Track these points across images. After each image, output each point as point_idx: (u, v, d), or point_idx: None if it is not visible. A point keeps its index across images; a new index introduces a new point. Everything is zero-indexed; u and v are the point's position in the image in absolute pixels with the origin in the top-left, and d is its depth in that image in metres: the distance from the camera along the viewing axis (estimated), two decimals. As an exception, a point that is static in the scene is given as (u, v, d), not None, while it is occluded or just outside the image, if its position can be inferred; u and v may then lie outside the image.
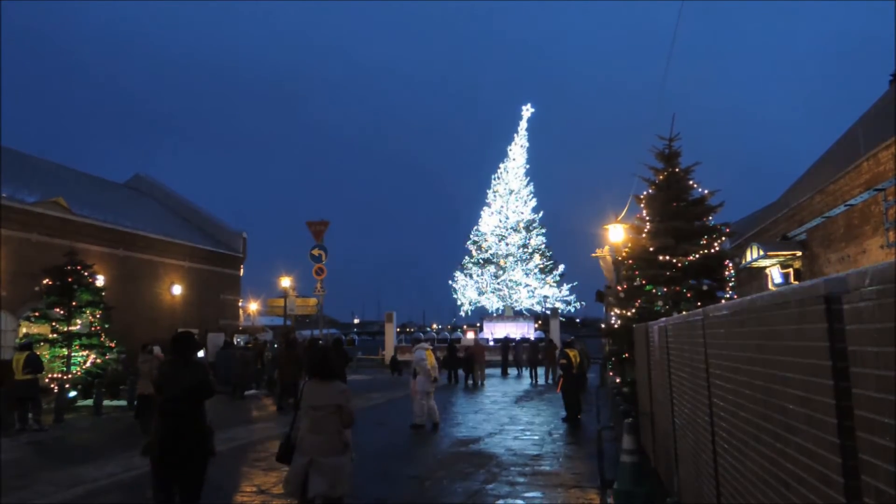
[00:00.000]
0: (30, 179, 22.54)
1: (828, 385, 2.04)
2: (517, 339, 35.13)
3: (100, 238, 22.99)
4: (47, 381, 16.36)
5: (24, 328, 18.75)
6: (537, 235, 48.24)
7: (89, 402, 17.23)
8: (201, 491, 5.80)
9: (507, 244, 47.63)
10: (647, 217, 11.72)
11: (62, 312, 17.65)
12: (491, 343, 39.46)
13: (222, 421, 14.53)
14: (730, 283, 11.22)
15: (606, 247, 20.98)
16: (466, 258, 49.12)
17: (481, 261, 48.38)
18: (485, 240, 48.38)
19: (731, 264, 11.61)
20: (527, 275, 47.25)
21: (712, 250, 11.03)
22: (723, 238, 11.63)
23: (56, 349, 17.29)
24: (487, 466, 9.55)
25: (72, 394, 17.14)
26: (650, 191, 11.74)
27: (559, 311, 44.34)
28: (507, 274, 47.34)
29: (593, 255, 22.74)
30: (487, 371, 27.36)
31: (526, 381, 25.92)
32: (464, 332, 46.22)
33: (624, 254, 12.96)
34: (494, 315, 47.17)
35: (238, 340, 27.23)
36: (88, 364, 17.92)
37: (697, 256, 10.81)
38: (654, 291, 10.99)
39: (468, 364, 25.14)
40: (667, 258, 10.89)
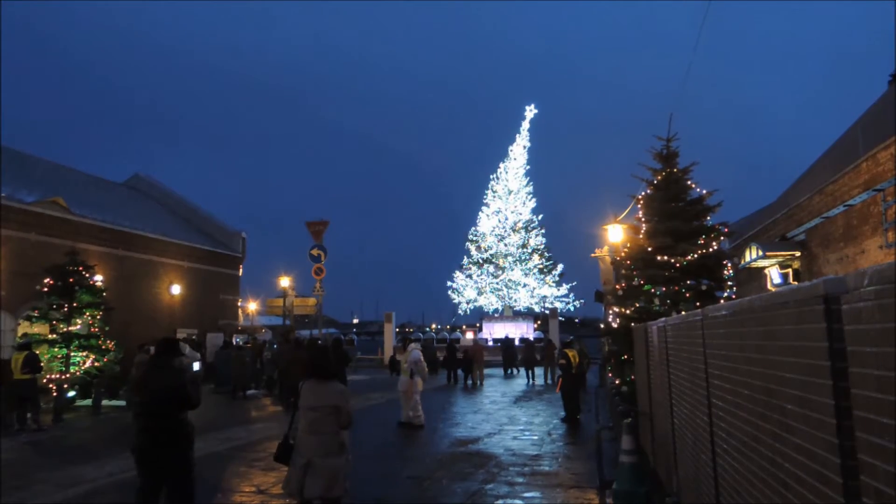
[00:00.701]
0: (28, 179, 22.51)
1: (827, 385, 2.04)
2: (513, 339, 35.14)
3: (99, 238, 22.96)
4: (46, 381, 16.34)
5: (24, 328, 18.73)
6: (537, 235, 48.25)
7: (88, 402, 17.23)
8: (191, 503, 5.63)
9: (507, 244, 47.64)
10: (646, 217, 11.73)
11: (64, 310, 17.63)
12: (490, 343, 39.45)
13: (221, 421, 14.53)
14: (728, 283, 11.23)
15: (606, 247, 21.00)
16: (466, 258, 49.14)
17: (480, 261, 48.37)
18: (484, 240, 48.38)
19: (730, 264, 11.63)
20: (526, 275, 47.25)
21: (710, 250, 11.04)
22: (721, 238, 11.64)
23: (55, 349, 17.27)
24: (487, 466, 9.55)
25: (71, 394, 17.13)
26: (648, 191, 11.76)
27: (558, 311, 44.37)
28: (507, 274, 47.34)
29: (592, 256, 22.75)
30: (487, 371, 27.35)
31: (522, 382, 25.88)
32: (463, 333, 46.20)
33: (623, 254, 12.97)
34: (494, 315, 47.18)
35: (237, 341, 27.22)
36: (87, 364, 17.90)
37: (696, 256, 10.82)
38: (653, 291, 11.00)
39: (467, 364, 25.14)
40: (665, 258, 10.91)
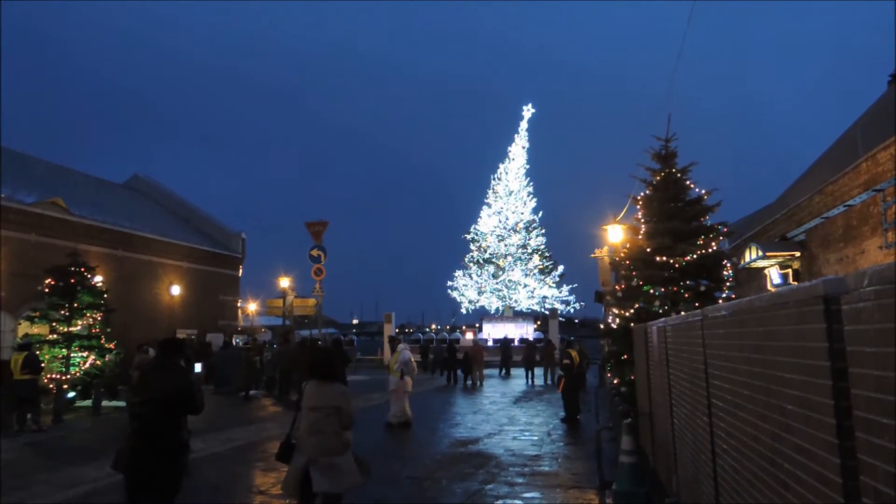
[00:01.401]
0: (28, 180, 22.51)
1: (826, 385, 2.04)
2: (511, 340, 35.14)
3: (98, 238, 22.97)
4: (46, 382, 16.34)
5: (24, 328, 18.73)
6: (537, 236, 48.26)
7: (88, 403, 17.22)
8: None
9: (507, 244, 47.64)
10: (645, 218, 11.73)
11: (63, 313, 17.63)
12: (490, 343, 39.43)
13: (221, 421, 14.52)
14: (728, 284, 11.22)
15: (605, 247, 21.00)
16: (466, 258, 49.15)
17: (481, 261, 48.38)
18: (484, 240, 48.38)
19: (730, 264, 11.62)
20: (526, 275, 47.25)
21: (710, 250, 11.04)
22: (721, 238, 11.63)
23: (55, 350, 17.27)
24: (486, 467, 9.55)
25: (71, 394, 17.13)
26: (647, 192, 11.75)
27: (557, 312, 44.37)
28: (507, 274, 47.34)
29: (592, 256, 22.76)
30: (486, 371, 27.35)
31: (521, 382, 25.87)
32: (462, 333, 46.20)
33: (622, 254, 12.97)
34: (494, 315, 47.18)
35: (237, 341, 27.21)
36: (87, 365, 17.89)
37: (695, 257, 10.81)
38: (652, 292, 10.99)
39: (467, 364, 25.15)
40: (664, 259, 10.90)
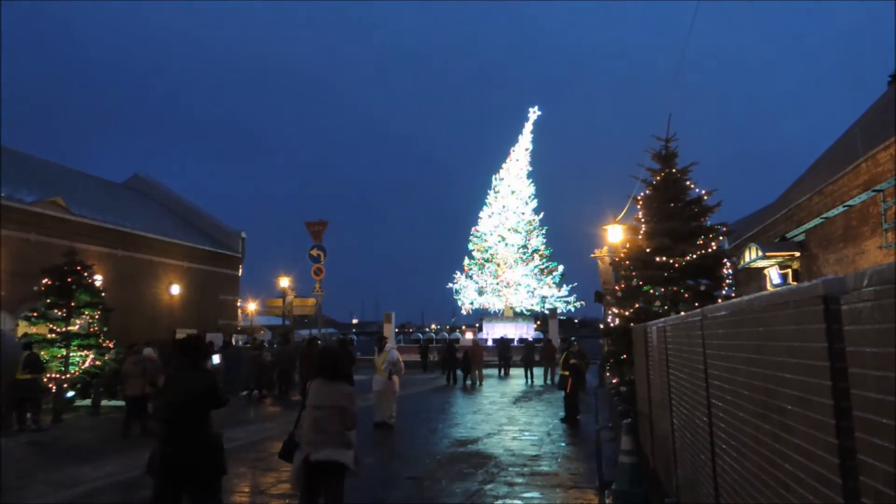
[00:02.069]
0: (28, 179, 22.50)
1: (826, 386, 2.04)
2: (509, 340, 35.12)
3: (98, 238, 22.97)
4: (45, 381, 16.34)
5: (23, 328, 18.72)
6: (538, 236, 48.26)
7: (87, 403, 17.21)
8: None
9: (507, 245, 47.63)
10: (644, 218, 11.73)
11: (61, 313, 17.62)
12: (489, 344, 39.43)
13: (222, 421, 14.51)
14: (727, 284, 11.22)
15: (605, 247, 20.99)
16: (466, 258, 49.14)
17: (481, 261, 48.37)
18: (485, 240, 48.38)
19: (730, 264, 11.62)
20: (526, 275, 47.24)
21: (709, 250, 11.04)
22: (720, 238, 11.63)
23: (54, 349, 17.27)
24: (486, 467, 9.55)
25: (70, 394, 17.12)
26: (647, 192, 11.75)
27: (557, 312, 44.36)
28: (507, 274, 47.33)
29: (592, 256, 22.74)
30: (486, 372, 27.35)
31: (521, 382, 25.86)
32: (462, 333, 46.18)
33: (622, 254, 12.96)
34: (495, 315, 47.18)
35: (237, 341, 27.19)
36: (87, 364, 17.89)
37: (695, 257, 10.81)
38: (652, 292, 10.99)
39: (466, 364, 25.14)
40: (664, 259, 10.90)
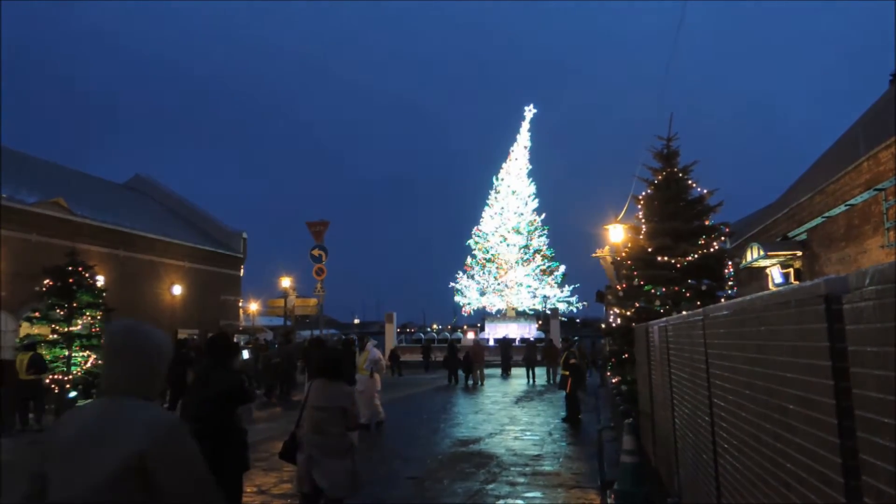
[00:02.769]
0: (30, 180, 22.53)
1: (828, 385, 2.04)
2: (511, 340, 35.17)
3: (100, 239, 23.00)
4: (48, 382, 16.35)
5: (25, 329, 18.74)
6: (539, 236, 48.28)
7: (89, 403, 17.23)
8: None
9: (509, 245, 47.64)
10: (645, 217, 11.72)
11: (62, 313, 17.64)
12: (491, 343, 39.45)
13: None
14: (729, 283, 11.21)
15: (607, 247, 20.98)
16: (468, 259, 49.18)
17: (483, 261, 48.40)
18: (487, 240, 48.40)
19: (731, 264, 11.61)
20: (528, 276, 47.25)
21: (711, 250, 11.03)
22: (722, 238, 11.62)
23: (56, 350, 17.28)
24: (488, 466, 9.55)
25: (72, 394, 17.14)
26: (648, 191, 11.74)
27: (559, 312, 44.38)
28: (509, 275, 47.35)
29: (594, 256, 22.74)
30: (487, 371, 27.36)
31: (522, 382, 25.88)
32: (464, 333, 46.22)
33: (623, 254, 12.95)
34: (497, 315, 47.20)
35: (239, 342, 27.18)
36: (89, 364, 17.91)
37: (696, 256, 10.80)
38: (654, 292, 10.98)
39: (468, 364, 25.15)
40: (665, 259, 10.89)
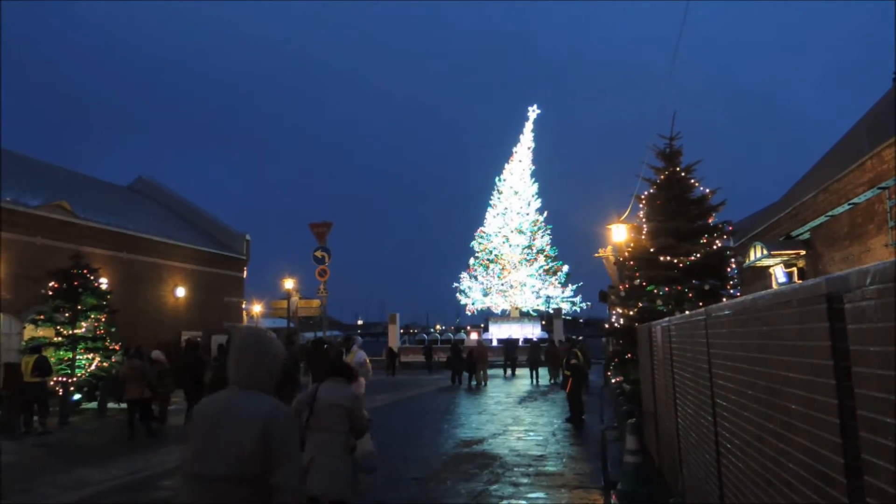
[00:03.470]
0: (33, 183, 22.59)
1: (830, 385, 2.03)
2: (515, 340, 35.13)
3: (103, 241, 23.05)
4: (52, 384, 16.40)
5: (29, 331, 18.79)
6: (542, 236, 48.26)
7: (94, 405, 17.27)
8: None
9: (511, 246, 47.63)
10: (648, 217, 11.70)
11: (67, 315, 17.69)
12: (494, 344, 39.43)
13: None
14: (732, 283, 11.19)
15: (609, 247, 20.95)
16: (472, 259, 49.18)
17: (486, 262, 48.39)
18: (490, 241, 48.40)
19: (734, 263, 11.58)
20: (531, 276, 47.22)
21: (714, 248, 11.01)
22: (725, 237, 11.59)
23: (61, 352, 17.33)
24: (491, 467, 9.54)
25: (76, 396, 17.18)
26: (651, 190, 11.72)
27: (562, 312, 44.35)
28: (512, 275, 47.32)
29: (596, 255, 22.71)
30: (490, 372, 27.35)
31: (526, 382, 25.86)
32: (467, 333, 46.22)
33: (626, 254, 12.93)
34: (500, 316, 47.18)
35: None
36: (93, 367, 17.95)
37: (699, 256, 10.78)
38: (656, 291, 10.97)
39: (471, 365, 25.16)
40: (668, 258, 10.87)
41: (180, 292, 27.21)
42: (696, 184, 11.41)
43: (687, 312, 6.34)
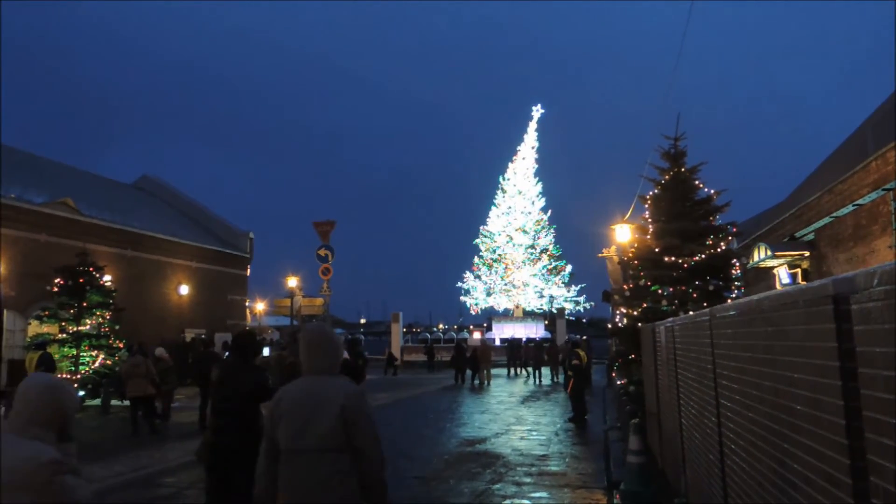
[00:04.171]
0: (38, 180, 22.66)
1: (836, 386, 2.03)
2: (519, 340, 35.11)
3: (108, 238, 23.10)
4: (56, 381, 16.45)
5: (34, 328, 18.85)
6: (546, 235, 48.23)
7: (97, 402, 17.32)
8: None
9: (515, 245, 47.60)
10: (653, 217, 11.69)
11: (71, 312, 17.74)
12: (497, 343, 39.42)
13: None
14: (736, 284, 11.18)
15: (613, 247, 20.94)
16: (476, 258, 49.16)
17: (490, 261, 48.37)
18: (494, 240, 48.38)
19: (739, 264, 11.57)
20: (535, 276, 47.19)
21: (718, 250, 11.00)
22: (729, 238, 11.58)
23: (65, 349, 17.38)
24: (494, 466, 9.54)
25: (80, 393, 17.23)
26: (656, 191, 11.72)
27: (565, 312, 44.30)
28: (515, 274, 47.31)
29: (600, 256, 22.70)
30: (493, 371, 27.37)
31: (530, 382, 25.88)
32: (470, 333, 46.21)
33: (630, 254, 12.93)
34: (504, 315, 47.16)
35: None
36: (97, 364, 18.00)
37: (703, 257, 10.77)
38: (660, 292, 10.96)
39: (474, 364, 25.17)
40: (672, 259, 10.87)
41: (184, 290, 27.26)
42: (701, 185, 11.41)
43: (691, 313, 6.34)
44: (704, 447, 4.74)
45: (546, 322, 47.00)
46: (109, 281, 19.37)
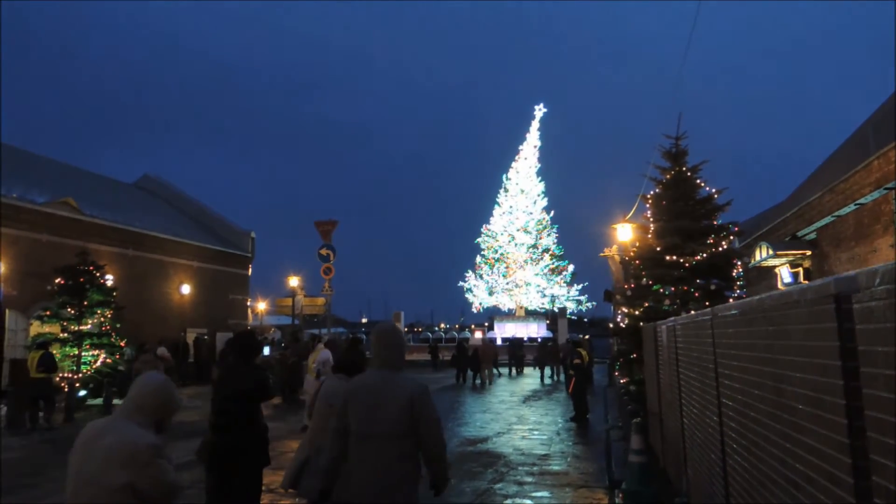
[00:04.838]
0: (39, 180, 22.67)
1: (838, 385, 2.03)
2: (520, 339, 35.14)
3: (109, 238, 23.12)
4: (58, 381, 16.46)
5: (35, 328, 18.87)
6: (548, 235, 48.20)
7: (99, 402, 17.33)
8: (259, 500, 5.60)
9: (517, 245, 47.57)
10: (654, 216, 11.69)
11: (73, 312, 17.76)
12: (499, 342, 39.43)
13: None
14: (738, 283, 11.17)
15: (615, 246, 20.92)
16: (478, 257, 49.15)
17: (492, 260, 48.35)
18: (496, 239, 48.36)
19: (740, 263, 11.56)
20: (537, 275, 47.17)
21: (720, 249, 10.99)
22: (731, 237, 11.57)
23: (66, 349, 17.39)
24: (495, 466, 9.55)
25: (82, 393, 17.25)
26: (657, 190, 11.71)
27: (566, 311, 44.29)
28: (518, 274, 47.29)
29: (602, 255, 22.68)
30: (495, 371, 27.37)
31: (531, 381, 25.87)
32: (472, 332, 46.19)
33: (632, 253, 12.92)
34: (506, 314, 47.16)
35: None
36: (99, 363, 18.02)
37: (705, 256, 10.76)
38: (662, 291, 10.95)
39: (476, 363, 25.17)
40: (674, 258, 10.86)
41: (185, 289, 27.28)
42: (703, 184, 11.40)
43: (692, 312, 6.33)
44: (706, 446, 4.74)
45: (548, 321, 46.99)
46: (111, 280, 19.38)
